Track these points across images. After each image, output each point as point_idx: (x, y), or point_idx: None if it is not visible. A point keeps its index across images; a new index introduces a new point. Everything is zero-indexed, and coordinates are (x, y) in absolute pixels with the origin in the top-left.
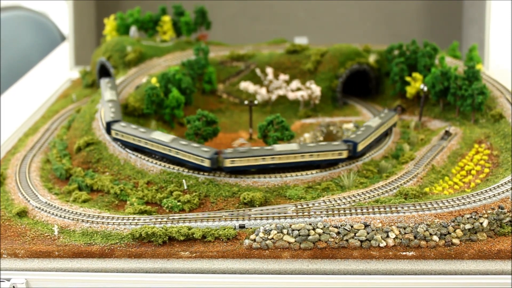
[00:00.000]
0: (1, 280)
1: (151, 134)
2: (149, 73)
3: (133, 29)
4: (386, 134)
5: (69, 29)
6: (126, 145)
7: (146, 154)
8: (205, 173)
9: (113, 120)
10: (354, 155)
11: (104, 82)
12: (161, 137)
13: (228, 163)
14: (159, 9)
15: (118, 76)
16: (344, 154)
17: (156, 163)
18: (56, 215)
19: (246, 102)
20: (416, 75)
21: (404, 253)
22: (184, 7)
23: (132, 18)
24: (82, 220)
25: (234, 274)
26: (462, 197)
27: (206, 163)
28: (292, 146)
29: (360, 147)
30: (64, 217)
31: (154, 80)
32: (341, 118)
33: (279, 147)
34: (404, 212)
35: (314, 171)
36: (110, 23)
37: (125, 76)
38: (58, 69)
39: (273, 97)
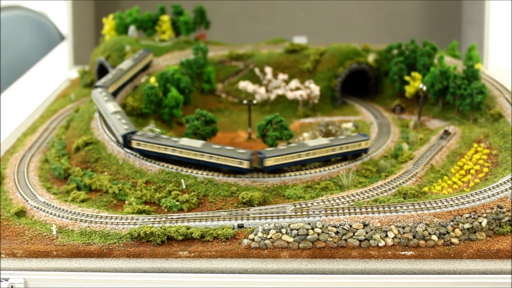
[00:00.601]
0: (0, 280)
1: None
2: (148, 72)
3: (132, 29)
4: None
5: (67, 28)
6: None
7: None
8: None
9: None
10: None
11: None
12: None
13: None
14: (158, 9)
15: None
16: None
17: (154, 163)
18: (55, 214)
19: (244, 101)
20: (415, 74)
21: (403, 252)
22: (183, 7)
23: (131, 17)
24: (81, 220)
25: (233, 273)
26: (461, 196)
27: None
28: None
29: None
30: (63, 217)
31: (152, 80)
32: (340, 118)
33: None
34: (403, 212)
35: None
36: (109, 23)
37: None
38: (57, 69)
39: (272, 96)
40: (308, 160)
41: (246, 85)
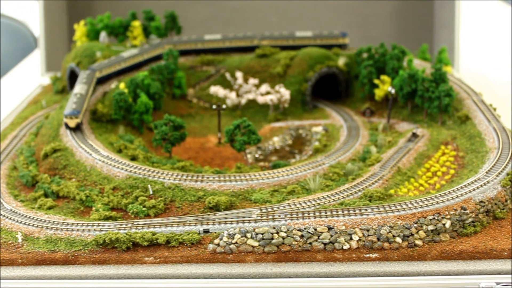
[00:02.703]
0: None
1: None
2: (118, 78)
3: (103, 35)
4: None
5: (40, 34)
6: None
7: None
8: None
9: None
10: None
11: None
12: None
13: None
14: (129, 14)
15: None
16: None
17: (122, 168)
18: (21, 222)
19: (214, 106)
20: (384, 77)
21: (368, 255)
22: (154, 12)
23: (102, 23)
24: (47, 227)
25: (198, 278)
26: (425, 198)
27: None
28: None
29: None
30: (29, 224)
31: (122, 86)
32: (310, 121)
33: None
34: (367, 215)
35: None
36: (80, 29)
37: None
38: (30, 76)
39: (243, 101)
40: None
41: (217, 90)
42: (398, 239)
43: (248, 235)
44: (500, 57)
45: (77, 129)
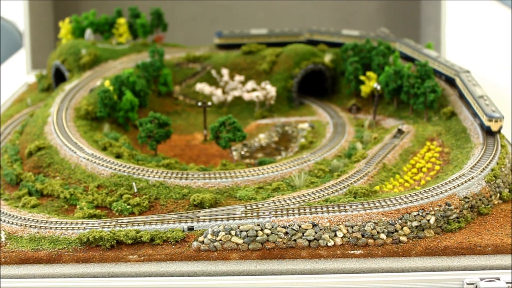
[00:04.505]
0: None
1: None
2: (104, 76)
3: (88, 32)
4: None
5: (25, 32)
6: None
7: None
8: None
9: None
10: None
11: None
12: None
13: None
14: (114, 12)
15: (73, 79)
16: None
17: (106, 166)
18: (4, 221)
19: (199, 103)
20: (370, 74)
21: (352, 251)
22: (140, 9)
23: (87, 21)
24: (30, 226)
25: (182, 276)
26: (410, 194)
27: None
28: None
29: None
30: (12, 223)
31: (107, 83)
32: (296, 118)
33: None
34: (352, 211)
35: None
36: (65, 26)
37: (80, 79)
38: (16, 74)
39: (229, 98)
40: None
41: (203, 87)
42: (383, 236)
43: (233, 232)
44: (487, 53)
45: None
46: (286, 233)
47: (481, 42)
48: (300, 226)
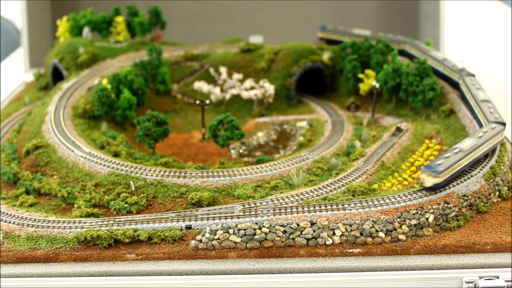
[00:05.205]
0: None
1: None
2: (102, 74)
3: (86, 30)
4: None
5: (22, 31)
6: None
7: None
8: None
9: None
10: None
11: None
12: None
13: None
14: (112, 10)
15: (71, 78)
16: None
17: (104, 165)
18: (1, 220)
19: (197, 102)
20: (368, 72)
21: (351, 250)
22: (138, 8)
23: (85, 19)
24: (28, 225)
25: (180, 275)
26: (408, 193)
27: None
28: None
29: None
30: (9, 222)
31: (105, 82)
32: (295, 116)
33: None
34: (350, 209)
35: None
36: (62, 25)
37: (77, 78)
38: (14, 72)
39: (227, 96)
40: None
41: (201, 86)
42: (381, 234)
43: (231, 231)
44: (485, 51)
45: None
46: (284, 232)
47: (480, 40)
48: (298, 225)
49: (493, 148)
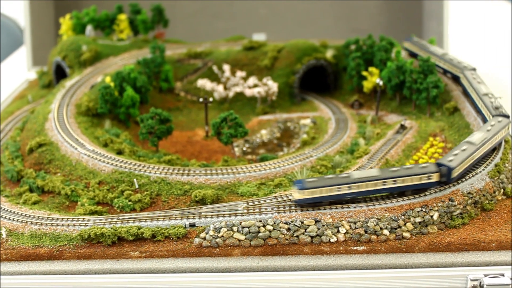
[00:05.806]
0: None
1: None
2: (105, 72)
3: (89, 28)
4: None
5: (26, 29)
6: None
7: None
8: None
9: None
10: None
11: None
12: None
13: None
14: (115, 8)
15: (74, 76)
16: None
17: (107, 163)
18: (5, 217)
19: (200, 99)
20: (372, 69)
21: (355, 247)
22: (140, 5)
23: (88, 17)
24: (31, 222)
25: (184, 273)
26: None
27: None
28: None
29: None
30: (13, 220)
31: (108, 79)
32: (298, 114)
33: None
34: (354, 207)
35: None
36: (65, 23)
37: (80, 75)
38: (17, 70)
39: (231, 94)
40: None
41: (204, 83)
42: (386, 232)
43: (235, 228)
44: (489, 48)
45: None
46: (289, 229)
47: (484, 38)
48: (302, 222)
49: (500, 141)
